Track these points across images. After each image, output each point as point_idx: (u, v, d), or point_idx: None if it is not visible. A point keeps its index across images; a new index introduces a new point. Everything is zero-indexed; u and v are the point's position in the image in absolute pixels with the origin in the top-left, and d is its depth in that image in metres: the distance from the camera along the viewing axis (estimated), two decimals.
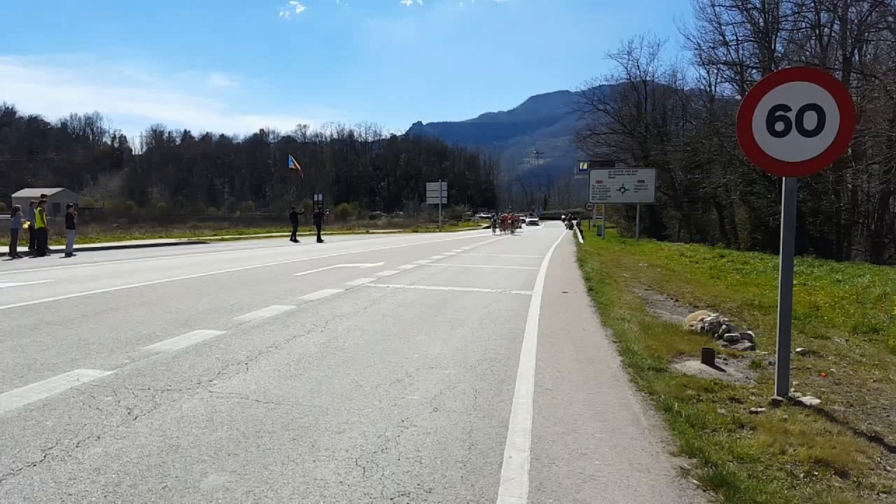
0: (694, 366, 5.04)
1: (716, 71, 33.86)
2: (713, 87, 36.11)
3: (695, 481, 2.90)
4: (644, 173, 36.18)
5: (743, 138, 4.30)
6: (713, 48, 31.30)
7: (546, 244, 28.15)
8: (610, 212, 52.64)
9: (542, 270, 14.02)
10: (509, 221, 48.33)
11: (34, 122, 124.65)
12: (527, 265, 15.57)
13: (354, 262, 15.27)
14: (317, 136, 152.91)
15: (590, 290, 10.12)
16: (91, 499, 2.56)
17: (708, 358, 5.09)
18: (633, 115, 45.21)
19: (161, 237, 27.64)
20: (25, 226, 16.92)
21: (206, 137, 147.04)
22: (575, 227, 54.79)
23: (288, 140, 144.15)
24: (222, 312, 7.20)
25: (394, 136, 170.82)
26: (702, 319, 6.60)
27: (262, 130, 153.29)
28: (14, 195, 52.60)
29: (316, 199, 45.98)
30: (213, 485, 2.72)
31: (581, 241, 32.41)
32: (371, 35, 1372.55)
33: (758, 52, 29.19)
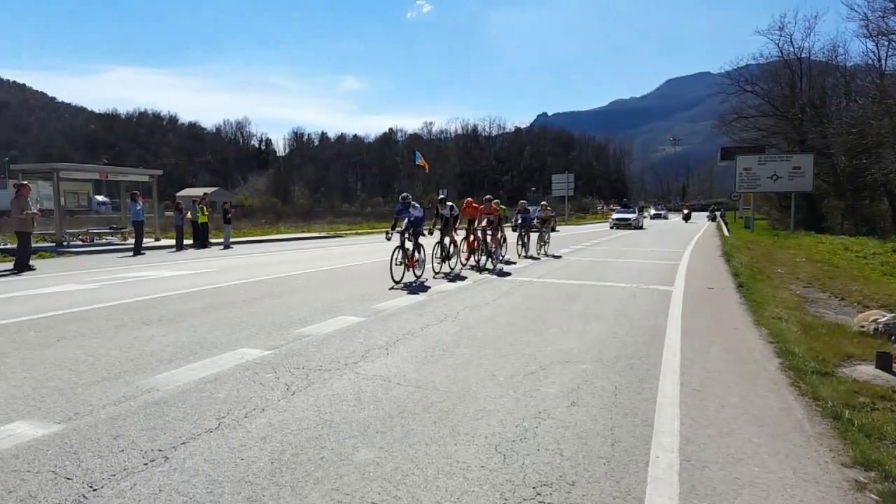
0: (866, 371, 4.48)
1: (886, 43, 29.23)
2: (883, 62, 31.12)
3: (874, 496, 2.58)
4: (800, 159, 32.45)
5: None
6: (882, 17, 27.00)
7: (683, 240, 26.39)
8: (760, 202, 47.94)
9: (683, 265, 13.16)
10: (475, 228, 13.24)
11: (193, 128, 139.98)
12: (664, 259, 14.72)
13: None
14: (442, 132, 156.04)
15: (739, 286, 9.31)
16: (260, 464, 2.83)
17: (884, 362, 4.52)
18: (786, 96, 40.51)
19: (303, 231, 29.92)
20: (188, 215, 19.03)
21: (341, 138, 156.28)
22: (719, 219, 50.52)
23: (415, 137, 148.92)
24: (361, 300, 7.63)
25: (518, 129, 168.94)
26: (875, 320, 5.84)
27: (390, 129, 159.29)
28: (178, 194, 60.53)
29: (441, 193, 47.19)
30: (364, 459, 2.88)
31: (727, 233, 29.92)
32: (496, 29, 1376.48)
33: None
